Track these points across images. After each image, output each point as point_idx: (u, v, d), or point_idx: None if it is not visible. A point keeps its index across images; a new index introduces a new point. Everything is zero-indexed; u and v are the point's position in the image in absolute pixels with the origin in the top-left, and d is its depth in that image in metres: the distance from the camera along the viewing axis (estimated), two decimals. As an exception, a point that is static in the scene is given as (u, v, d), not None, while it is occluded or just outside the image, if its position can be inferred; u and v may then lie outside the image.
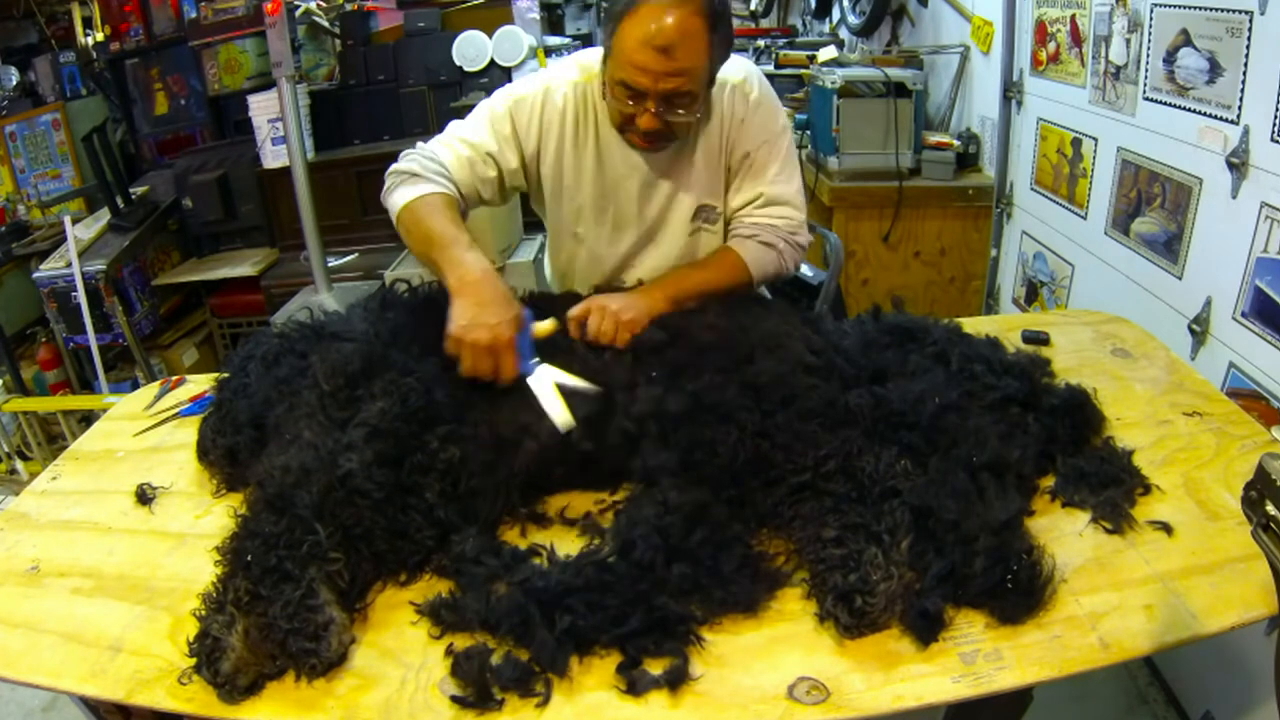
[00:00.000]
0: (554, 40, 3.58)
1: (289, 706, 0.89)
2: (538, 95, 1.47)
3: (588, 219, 1.55)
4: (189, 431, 1.48)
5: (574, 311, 1.28)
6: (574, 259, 1.62)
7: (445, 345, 1.19)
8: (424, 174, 1.41)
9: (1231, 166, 1.58)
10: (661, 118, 1.33)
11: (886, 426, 1.11)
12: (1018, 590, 0.93)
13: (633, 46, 1.27)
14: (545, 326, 1.26)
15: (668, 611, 0.92)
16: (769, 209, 1.52)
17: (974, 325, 1.49)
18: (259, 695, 0.89)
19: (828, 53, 2.98)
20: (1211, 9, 1.60)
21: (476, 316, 1.18)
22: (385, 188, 1.46)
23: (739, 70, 1.47)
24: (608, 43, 1.33)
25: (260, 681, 0.90)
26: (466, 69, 3.56)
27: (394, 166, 1.46)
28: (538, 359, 1.21)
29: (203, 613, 0.92)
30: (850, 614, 0.90)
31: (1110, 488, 1.11)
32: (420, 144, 1.51)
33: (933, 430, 1.10)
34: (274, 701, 0.89)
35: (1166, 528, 1.05)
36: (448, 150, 1.47)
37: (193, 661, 0.90)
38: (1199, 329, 1.71)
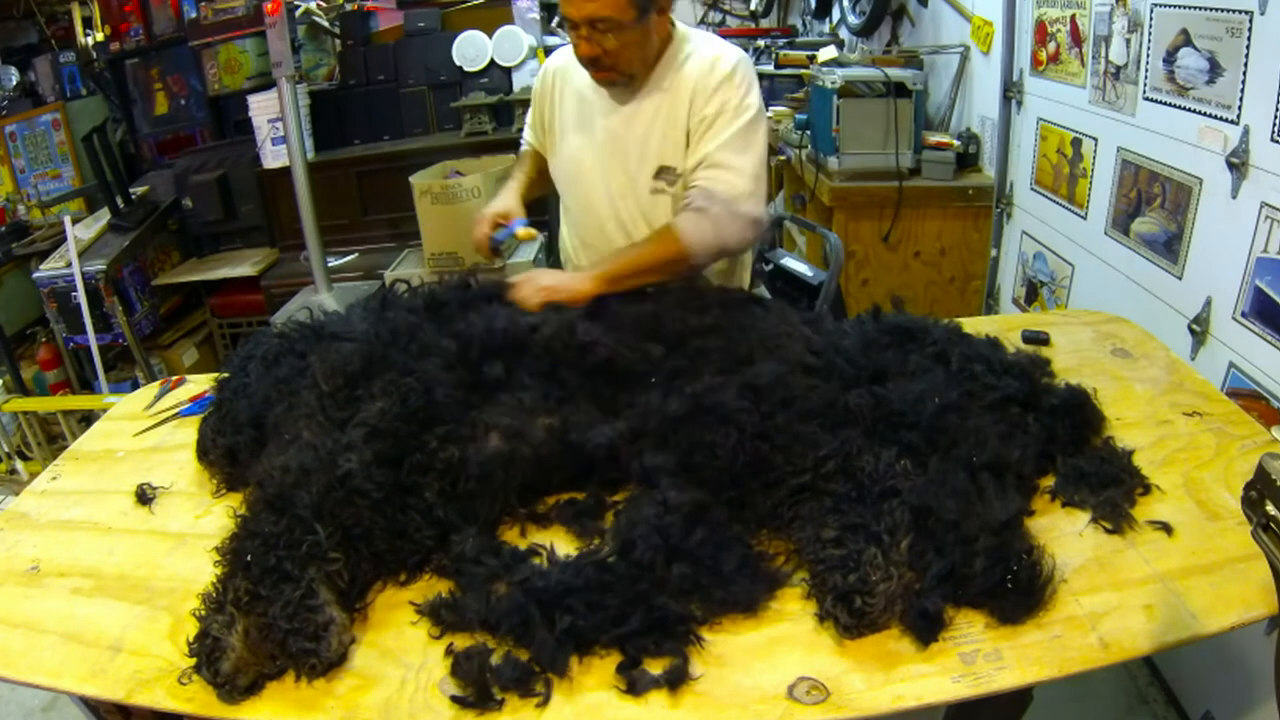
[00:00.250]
0: (554, 40, 3.58)
1: (289, 706, 0.89)
2: (550, 64, 1.77)
3: (570, 173, 1.73)
4: (189, 431, 1.48)
5: (513, 279, 1.51)
6: (567, 215, 1.83)
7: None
8: (523, 141, 1.89)
9: (1231, 166, 1.58)
10: (594, 43, 1.49)
11: (886, 426, 1.11)
12: (1018, 590, 0.93)
13: None
14: (527, 231, 1.68)
15: (667, 611, 0.92)
16: (710, 170, 1.54)
17: (974, 325, 1.49)
18: (259, 695, 0.89)
19: (828, 53, 2.98)
20: (1211, 9, 1.60)
21: (490, 204, 1.74)
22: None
23: (723, 50, 1.59)
24: None
25: (260, 681, 0.90)
26: (466, 69, 3.56)
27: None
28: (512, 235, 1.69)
29: (203, 613, 0.92)
30: (850, 614, 0.90)
31: (1110, 488, 1.11)
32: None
33: (933, 430, 1.10)
34: (274, 701, 0.89)
35: (1166, 528, 1.05)
36: (527, 124, 1.88)
37: (193, 661, 0.90)
38: (1199, 329, 1.71)
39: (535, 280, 1.47)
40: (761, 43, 3.88)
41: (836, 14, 3.90)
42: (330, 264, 3.00)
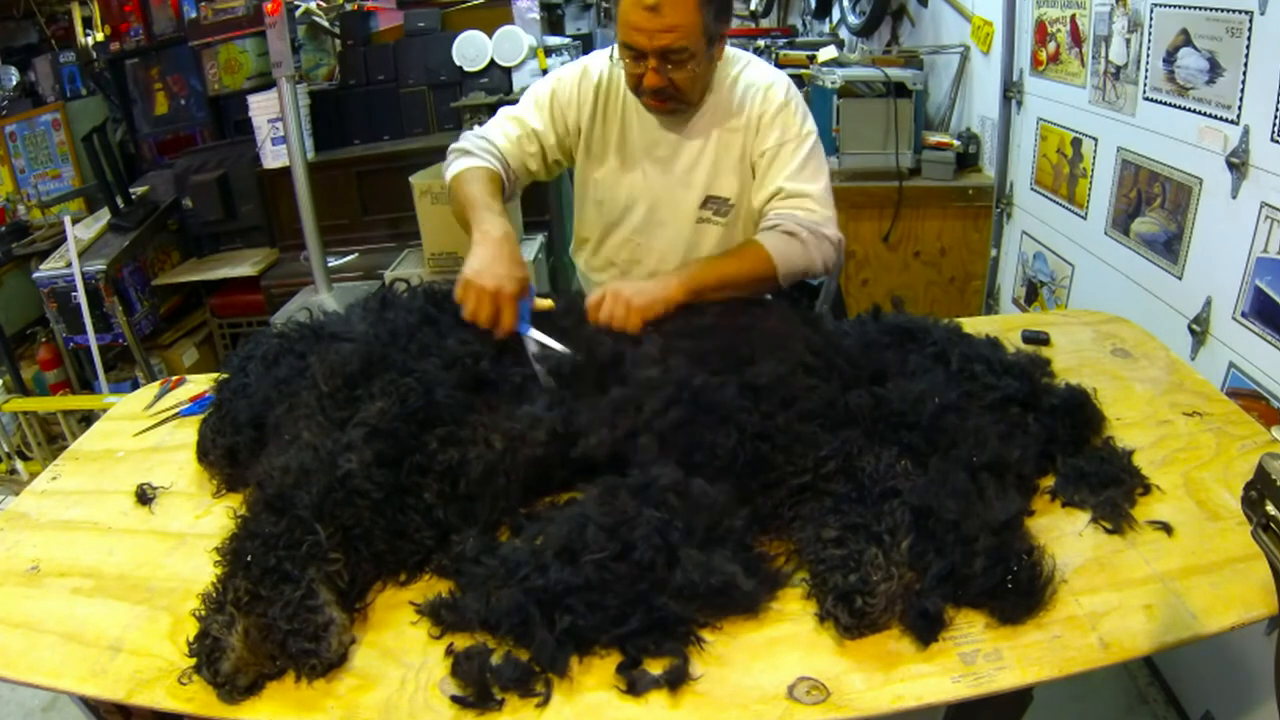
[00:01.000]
0: (554, 40, 3.58)
1: (289, 706, 0.89)
2: (576, 72, 1.62)
3: (607, 187, 1.65)
4: (189, 431, 1.48)
5: (592, 298, 1.33)
6: (593, 230, 1.73)
7: (455, 290, 1.28)
8: (474, 151, 1.57)
9: (1231, 166, 1.58)
10: (663, 74, 1.43)
11: (887, 426, 1.11)
12: (1018, 590, 0.93)
13: (627, 8, 1.40)
14: (544, 302, 1.36)
15: (667, 612, 0.92)
16: (788, 201, 1.52)
17: (974, 325, 1.49)
18: (259, 695, 0.89)
19: (828, 53, 2.98)
20: (1211, 9, 1.60)
21: (489, 265, 1.28)
22: (444, 164, 1.62)
23: (769, 76, 1.57)
24: (613, 11, 1.46)
25: (260, 681, 0.90)
26: (466, 69, 3.56)
27: (452, 145, 1.61)
28: (530, 326, 1.30)
29: (203, 613, 0.92)
30: (850, 614, 0.90)
31: (1110, 488, 1.11)
32: (478, 126, 1.67)
33: (933, 430, 1.10)
34: (274, 701, 0.89)
35: (1166, 528, 1.05)
36: (498, 131, 1.62)
37: (193, 661, 0.90)
38: (1199, 329, 1.71)
39: (622, 297, 1.31)
40: (761, 43, 3.88)
41: (836, 14, 3.90)
42: (330, 264, 2.99)
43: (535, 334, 1.29)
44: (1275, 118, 1.47)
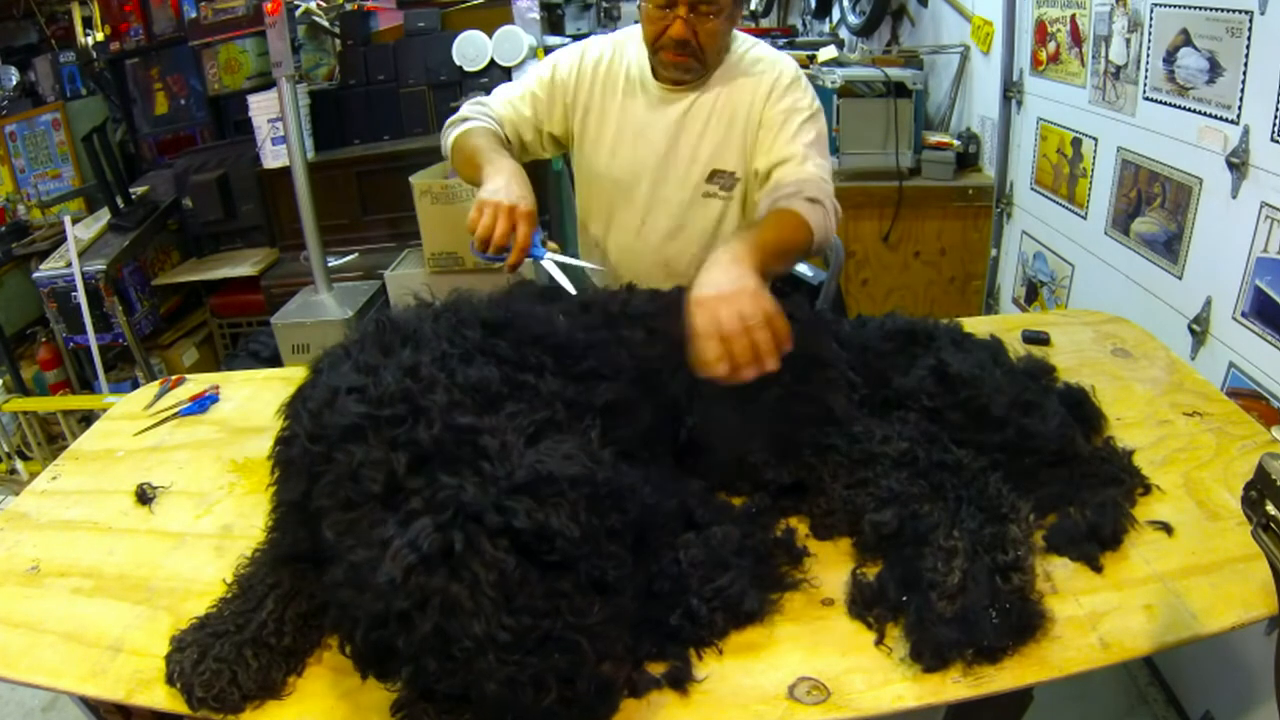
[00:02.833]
0: (554, 40, 3.58)
1: (290, 706, 0.89)
2: (576, 50, 1.64)
3: (609, 160, 1.63)
4: (189, 431, 1.48)
5: (695, 334, 1.01)
6: (597, 206, 1.71)
7: (469, 215, 1.24)
8: (473, 116, 1.58)
9: (1231, 166, 1.58)
10: (690, 25, 1.43)
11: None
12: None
13: None
14: (552, 245, 1.33)
15: (673, 627, 0.92)
16: (804, 165, 1.47)
17: (974, 325, 1.49)
18: (260, 707, 0.89)
19: (828, 53, 2.98)
20: (1211, 9, 1.60)
21: (506, 187, 1.26)
22: (442, 136, 1.61)
23: (782, 56, 1.59)
24: None
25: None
26: (466, 69, 3.56)
27: (449, 119, 1.61)
28: (545, 250, 1.29)
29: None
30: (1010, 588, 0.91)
31: (1110, 487, 1.10)
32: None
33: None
34: (275, 702, 0.89)
35: (1166, 528, 1.05)
36: (497, 100, 1.64)
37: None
38: (1199, 329, 1.71)
39: (722, 309, 1.00)
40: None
41: (836, 14, 3.90)
42: (330, 264, 2.99)
43: (552, 255, 1.27)
44: (1275, 118, 1.47)
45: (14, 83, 4.15)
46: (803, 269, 2.15)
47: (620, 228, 1.69)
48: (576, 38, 3.78)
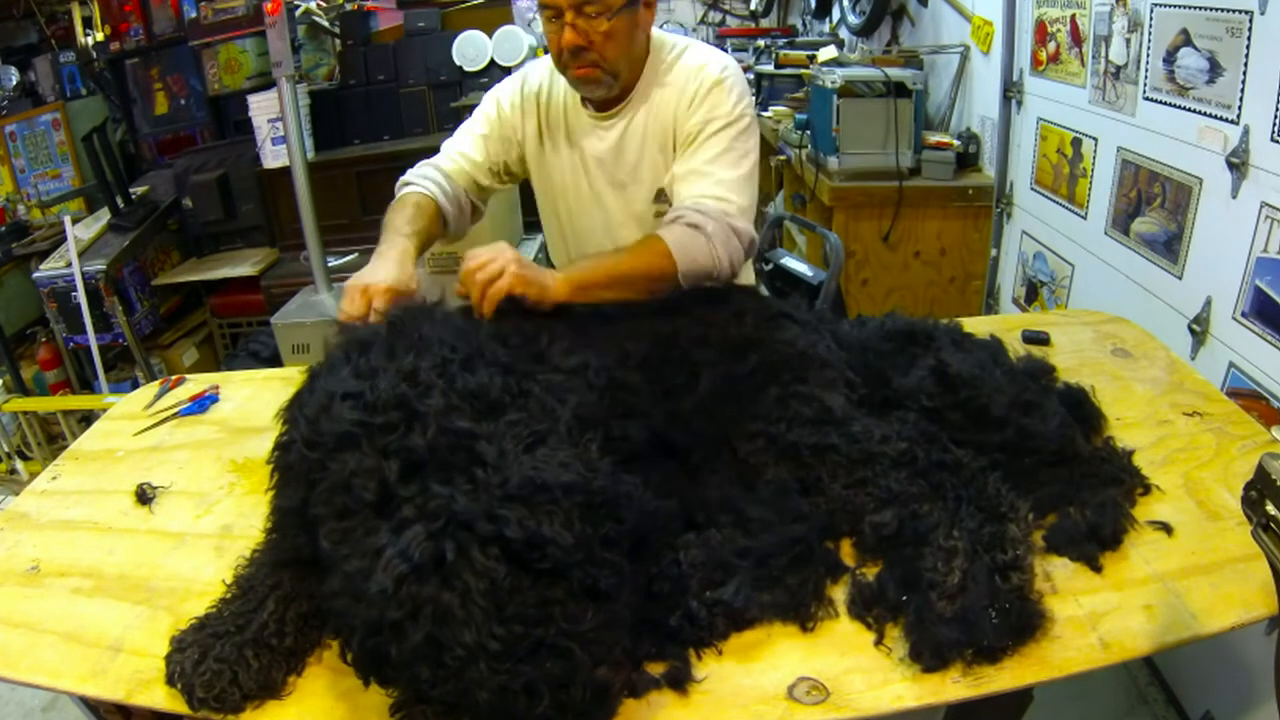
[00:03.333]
0: (554, 40, 3.58)
1: (289, 707, 0.89)
2: (516, 82, 1.61)
3: (565, 193, 1.62)
4: (189, 431, 1.48)
5: (475, 257, 1.24)
6: (561, 238, 1.70)
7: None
8: (413, 180, 1.56)
9: (1231, 166, 1.58)
10: (581, 30, 1.38)
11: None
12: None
13: None
14: None
15: (672, 629, 0.92)
16: (701, 183, 1.42)
17: (974, 325, 1.49)
18: (260, 707, 0.89)
19: (828, 53, 2.98)
20: (1211, 9, 1.60)
21: (371, 270, 1.31)
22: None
23: (706, 56, 1.51)
24: None
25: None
26: (466, 69, 3.56)
27: (399, 180, 1.60)
28: None
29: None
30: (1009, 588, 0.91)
31: (1110, 487, 1.10)
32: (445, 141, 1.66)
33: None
34: (275, 703, 0.89)
35: (1166, 528, 1.05)
36: (445, 156, 1.61)
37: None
38: (1199, 329, 1.71)
39: (507, 256, 1.22)
40: (761, 43, 3.88)
41: (836, 14, 3.90)
42: (330, 264, 2.99)
43: None
44: (1275, 117, 1.47)
45: (14, 83, 4.15)
46: (803, 269, 2.15)
47: (583, 251, 1.63)
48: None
